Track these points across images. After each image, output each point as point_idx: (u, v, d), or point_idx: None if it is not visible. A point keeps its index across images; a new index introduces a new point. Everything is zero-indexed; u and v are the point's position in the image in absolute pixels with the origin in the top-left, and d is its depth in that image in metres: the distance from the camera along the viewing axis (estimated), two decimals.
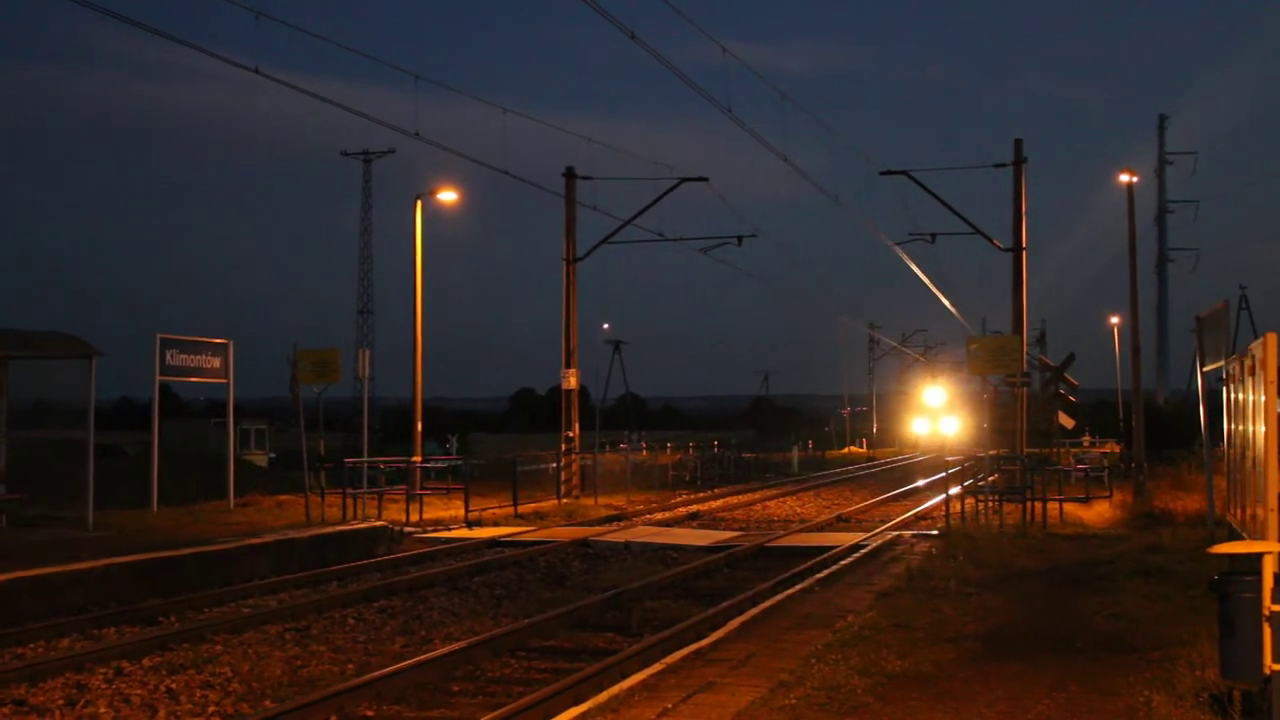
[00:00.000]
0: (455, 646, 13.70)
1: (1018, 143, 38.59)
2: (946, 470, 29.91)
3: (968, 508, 27.26)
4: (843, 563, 20.21)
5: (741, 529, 28.59)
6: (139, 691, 11.86)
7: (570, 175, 38.95)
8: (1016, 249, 37.88)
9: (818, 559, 21.15)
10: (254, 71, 20.56)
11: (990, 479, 30.73)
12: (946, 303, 51.52)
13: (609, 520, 30.25)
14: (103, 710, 11.22)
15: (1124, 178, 35.56)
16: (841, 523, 30.48)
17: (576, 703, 10.43)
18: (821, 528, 29.04)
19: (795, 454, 68.38)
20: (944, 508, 27.16)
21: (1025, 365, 35.71)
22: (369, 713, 11.28)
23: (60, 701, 11.46)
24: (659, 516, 32.02)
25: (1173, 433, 52.15)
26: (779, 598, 16.24)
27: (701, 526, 29.20)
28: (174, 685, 12.10)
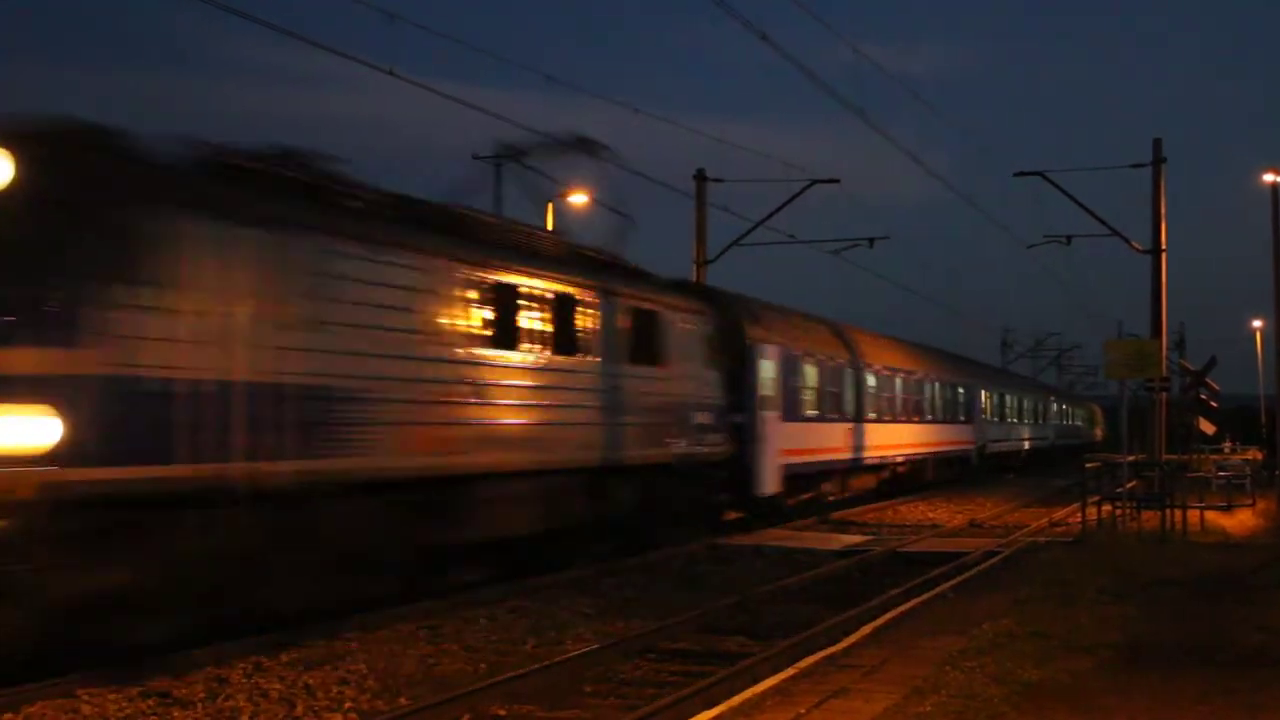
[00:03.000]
0: (587, 648, 13.76)
1: (1156, 142, 37.81)
2: None
3: (1104, 515, 26.77)
4: (977, 569, 19.97)
5: (873, 533, 28.35)
6: (277, 686, 12.05)
7: (700, 178, 38.91)
8: (1155, 251, 37.11)
9: (951, 565, 20.91)
10: (388, 73, 20.70)
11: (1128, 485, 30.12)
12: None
13: (736, 524, 30.15)
14: (242, 704, 11.43)
15: (1268, 177, 34.71)
16: (974, 528, 30.10)
17: (709, 706, 10.40)
18: (954, 533, 28.72)
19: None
20: (1080, 515, 26.70)
21: (1165, 370, 34.97)
22: (501, 712, 11.35)
23: (201, 695, 11.69)
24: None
25: None
26: (912, 603, 16.08)
27: (832, 530, 29.00)
28: (311, 681, 12.28)
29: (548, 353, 18.43)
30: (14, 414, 10.99)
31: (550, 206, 35.19)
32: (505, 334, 17.51)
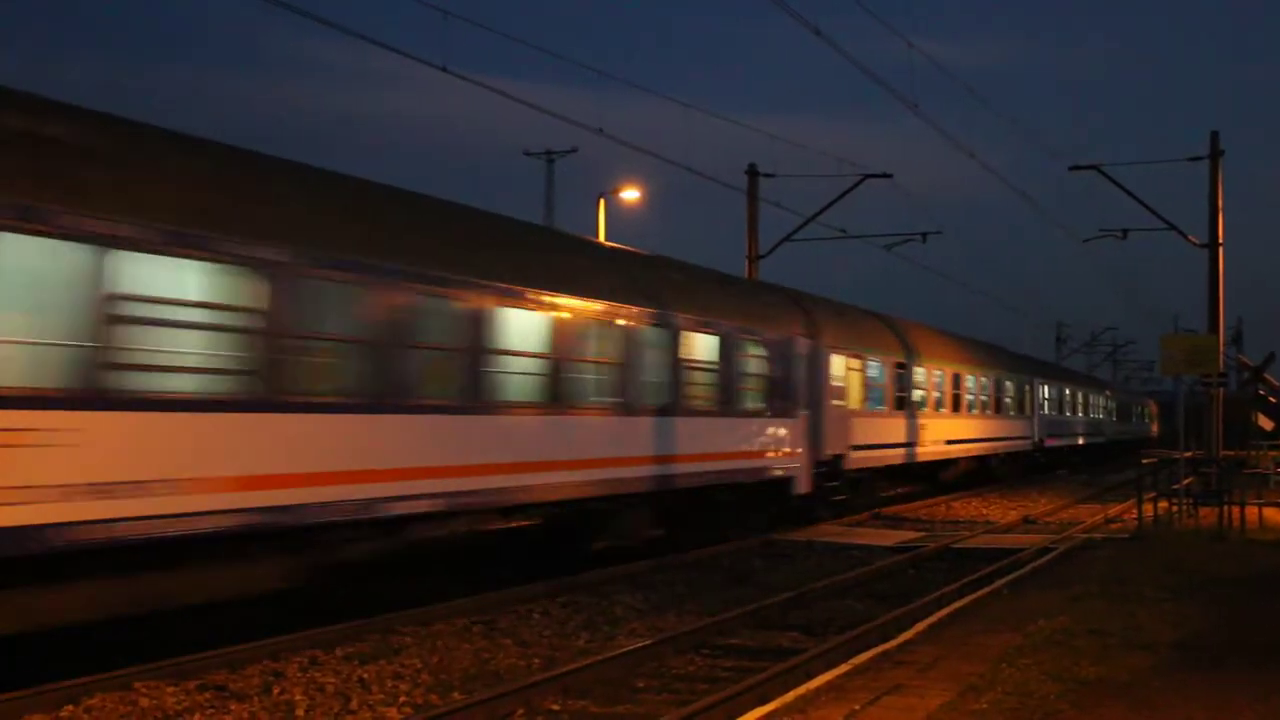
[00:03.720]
0: (640, 643, 13.76)
1: (1214, 135, 37.44)
2: None
3: (1161, 511, 26.52)
4: (1032, 565, 19.83)
5: (926, 529, 28.23)
6: (332, 680, 12.13)
7: (752, 173, 38.83)
8: (1212, 244, 36.76)
9: (1005, 561, 20.78)
10: (442, 70, 20.75)
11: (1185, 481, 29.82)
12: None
13: (789, 519, 30.06)
14: (298, 698, 11.50)
15: None
16: (1029, 524, 29.90)
17: (762, 702, 10.38)
18: (1008, 529, 28.53)
19: None
20: (1136, 511, 26.46)
21: (1222, 365, 34.60)
22: (555, 707, 11.37)
23: (257, 688, 11.78)
24: (842, 516, 31.75)
25: None
26: (966, 600, 15.99)
27: (885, 526, 28.90)
28: (365, 675, 12.35)
29: None
30: None
31: (602, 201, 35.26)
32: None
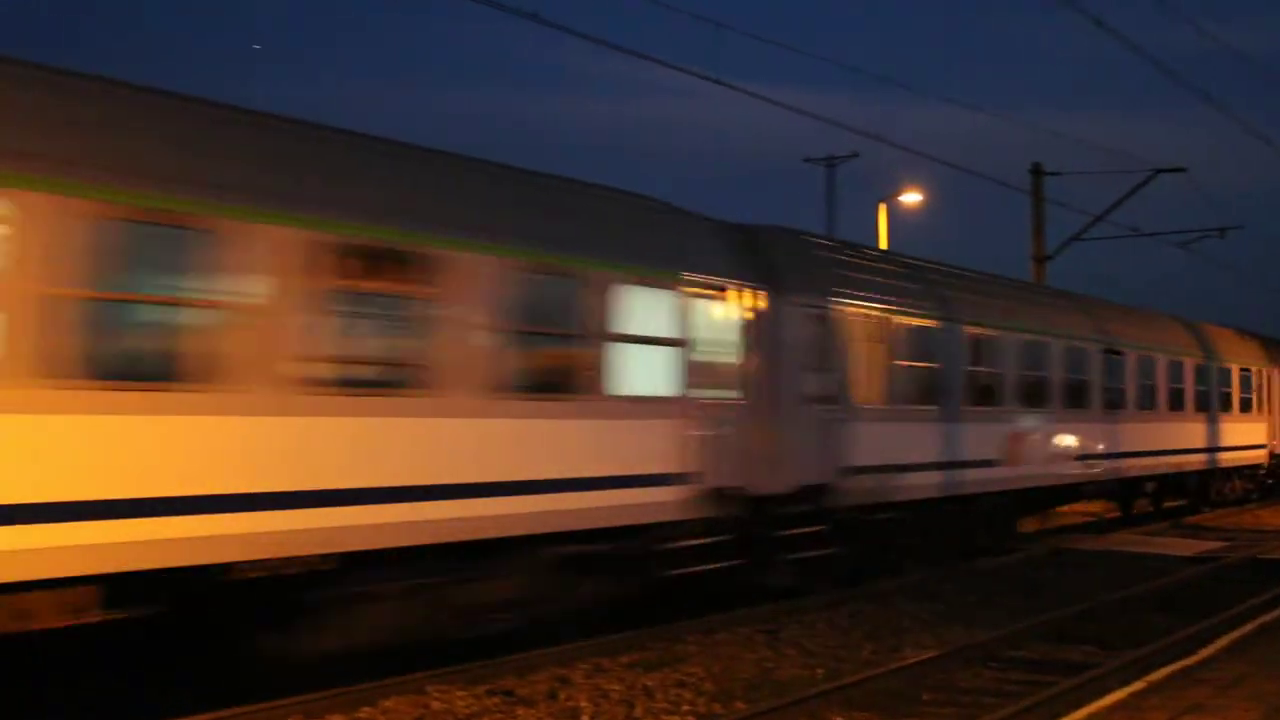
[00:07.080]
0: (925, 655, 13.53)
1: None
2: None
3: None
4: None
5: (1228, 539, 27.01)
6: (617, 688, 12.27)
7: (1037, 172, 37.89)
8: None
9: None
10: (715, 82, 20.86)
11: None
12: None
13: (1084, 528, 29.21)
14: (583, 704, 11.67)
15: None
16: None
17: (1052, 719, 10.08)
18: None
19: None
20: None
21: None
22: (837, 718, 11.26)
23: (544, 693, 12.00)
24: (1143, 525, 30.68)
25: None
26: (1274, 614, 15.23)
27: (1184, 535, 27.78)
28: (649, 683, 12.46)
29: None
30: None
31: (882, 206, 34.92)
32: None
